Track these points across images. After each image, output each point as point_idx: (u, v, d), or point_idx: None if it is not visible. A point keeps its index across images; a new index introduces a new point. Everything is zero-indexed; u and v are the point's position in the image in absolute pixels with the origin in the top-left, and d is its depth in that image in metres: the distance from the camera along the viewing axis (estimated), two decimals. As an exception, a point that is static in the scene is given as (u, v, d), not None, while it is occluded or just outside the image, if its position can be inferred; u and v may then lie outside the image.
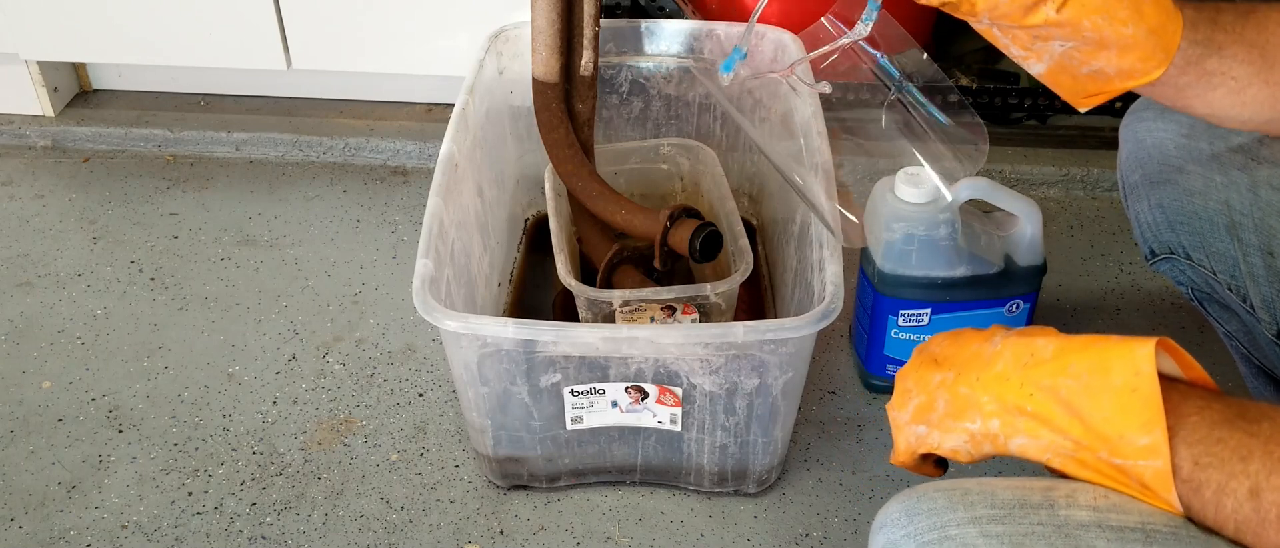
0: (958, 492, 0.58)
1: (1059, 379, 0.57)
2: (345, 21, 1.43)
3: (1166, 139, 0.90)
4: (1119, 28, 0.66)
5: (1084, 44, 0.67)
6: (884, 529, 0.58)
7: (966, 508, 0.56)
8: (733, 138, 1.28)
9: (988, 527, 0.55)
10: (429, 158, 1.52)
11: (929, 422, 0.63)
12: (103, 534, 1.03)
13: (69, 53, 1.53)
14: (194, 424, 1.13)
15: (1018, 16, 0.66)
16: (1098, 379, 0.55)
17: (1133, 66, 0.68)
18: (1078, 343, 0.58)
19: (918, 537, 0.56)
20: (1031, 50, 0.69)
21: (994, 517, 0.56)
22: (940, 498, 0.57)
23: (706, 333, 0.89)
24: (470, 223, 1.07)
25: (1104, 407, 0.55)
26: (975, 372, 0.61)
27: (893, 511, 0.59)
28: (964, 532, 0.55)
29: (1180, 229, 0.90)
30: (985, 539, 0.55)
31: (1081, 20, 0.66)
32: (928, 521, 0.57)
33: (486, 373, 0.92)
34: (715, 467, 1.02)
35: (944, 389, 0.62)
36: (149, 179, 1.50)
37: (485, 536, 1.02)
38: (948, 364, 0.62)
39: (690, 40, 1.21)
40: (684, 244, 1.02)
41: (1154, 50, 0.67)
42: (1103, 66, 0.68)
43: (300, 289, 1.31)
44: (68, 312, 1.27)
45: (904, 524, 0.57)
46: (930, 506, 0.57)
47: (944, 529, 0.56)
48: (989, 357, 0.61)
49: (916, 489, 0.59)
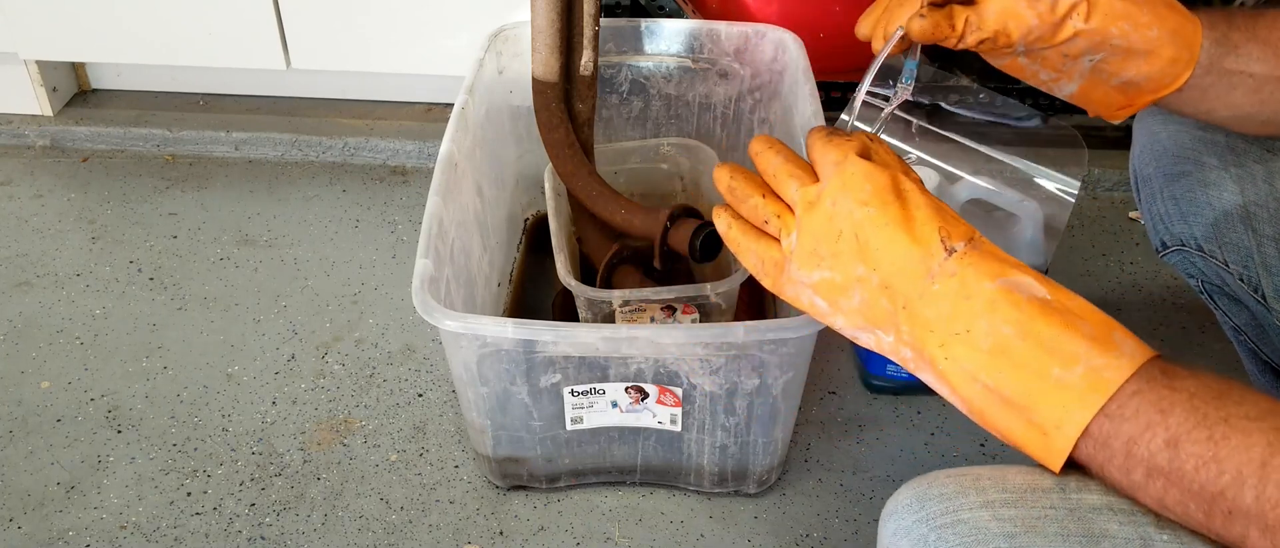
0: (969, 478, 0.58)
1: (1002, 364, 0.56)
2: (345, 21, 1.43)
3: (1181, 132, 0.90)
4: (1144, 31, 0.69)
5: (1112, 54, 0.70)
6: (895, 516, 0.59)
7: (978, 493, 0.57)
8: (733, 138, 1.28)
9: (1000, 511, 0.56)
10: (429, 157, 1.51)
11: (834, 305, 0.63)
12: (102, 535, 1.02)
13: (68, 52, 1.53)
14: (193, 424, 1.13)
15: (1049, 36, 0.70)
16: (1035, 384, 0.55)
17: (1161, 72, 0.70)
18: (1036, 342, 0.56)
19: (929, 521, 0.57)
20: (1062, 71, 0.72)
21: (1006, 501, 0.56)
22: (951, 484, 0.58)
23: (706, 333, 0.89)
24: (470, 223, 1.07)
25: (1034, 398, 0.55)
26: (910, 298, 0.59)
27: (904, 497, 0.59)
28: (976, 516, 0.56)
29: (1193, 220, 0.90)
30: (997, 522, 0.55)
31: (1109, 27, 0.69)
32: (939, 505, 0.57)
33: (486, 373, 0.92)
34: (715, 467, 1.02)
35: (863, 286, 0.61)
36: (148, 179, 1.50)
37: (485, 536, 1.02)
38: (874, 263, 0.60)
39: (690, 40, 1.21)
40: (684, 244, 1.02)
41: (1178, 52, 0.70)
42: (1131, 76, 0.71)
43: (299, 289, 1.30)
44: (66, 312, 1.27)
45: (916, 510, 0.58)
46: (942, 491, 0.58)
47: (956, 513, 0.56)
48: (931, 294, 0.59)
49: (927, 477, 0.59)
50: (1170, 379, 0.53)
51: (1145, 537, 0.54)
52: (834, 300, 0.63)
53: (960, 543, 0.55)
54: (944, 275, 0.58)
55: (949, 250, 0.58)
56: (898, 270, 0.59)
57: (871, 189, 0.60)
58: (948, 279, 0.58)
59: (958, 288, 0.57)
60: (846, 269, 0.61)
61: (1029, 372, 0.55)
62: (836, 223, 0.61)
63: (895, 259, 0.59)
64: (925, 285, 0.58)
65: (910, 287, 0.59)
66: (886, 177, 0.61)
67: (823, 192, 0.62)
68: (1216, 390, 0.52)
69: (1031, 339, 0.55)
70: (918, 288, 0.58)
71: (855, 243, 0.60)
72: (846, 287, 0.61)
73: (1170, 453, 0.51)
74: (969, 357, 0.57)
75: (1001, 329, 0.56)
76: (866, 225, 0.60)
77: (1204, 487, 0.50)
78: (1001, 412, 0.56)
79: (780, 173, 0.65)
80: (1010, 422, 0.56)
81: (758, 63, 1.20)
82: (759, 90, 1.22)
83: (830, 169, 0.62)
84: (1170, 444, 0.51)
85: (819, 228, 0.62)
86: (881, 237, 0.60)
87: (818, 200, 0.62)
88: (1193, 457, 0.51)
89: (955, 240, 0.59)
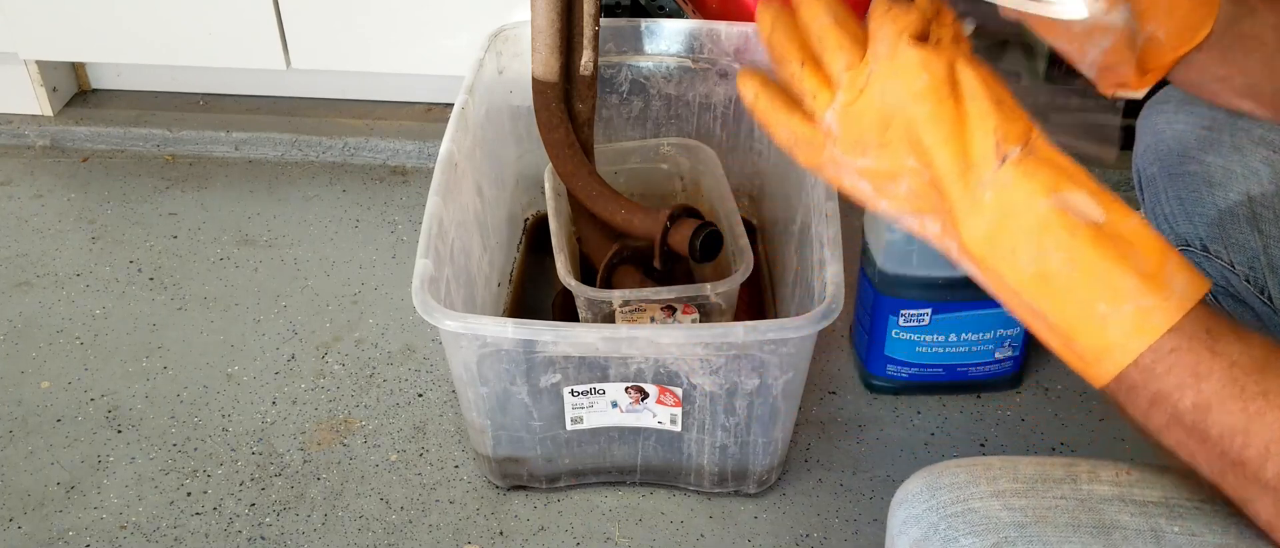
0: (980, 467, 0.58)
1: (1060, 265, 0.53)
2: (345, 21, 1.43)
3: (1186, 131, 0.89)
4: None
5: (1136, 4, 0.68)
6: (905, 504, 0.59)
7: (989, 482, 0.57)
8: (733, 137, 1.28)
9: (1011, 500, 0.56)
10: (429, 157, 1.51)
11: (880, 190, 0.59)
12: (102, 535, 1.02)
13: (68, 52, 1.53)
14: (193, 424, 1.13)
15: None
16: (1079, 316, 0.53)
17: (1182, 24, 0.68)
18: (1104, 255, 0.53)
19: (940, 510, 0.56)
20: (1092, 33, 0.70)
21: (1016, 490, 0.56)
22: (962, 473, 0.58)
23: (706, 333, 0.89)
24: (470, 222, 1.07)
25: (1077, 329, 0.53)
26: (959, 203, 0.56)
27: (914, 486, 0.59)
28: (986, 504, 0.56)
29: (1198, 221, 0.90)
30: (1008, 511, 0.55)
31: None
32: (950, 494, 0.57)
33: (486, 373, 0.92)
34: (715, 467, 1.02)
35: (913, 177, 0.57)
36: (148, 179, 1.50)
37: (485, 536, 1.02)
38: (926, 160, 0.57)
39: (690, 40, 1.21)
40: (684, 244, 1.02)
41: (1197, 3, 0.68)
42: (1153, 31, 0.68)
43: (299, 289, 1.30)
44: (66, 312, 1.27)
45: (926, 498, 0.57)
46: (953, 480, 0.57)
47: (967, 502, 0.56)
48: (981, 205, 0.55)
49: (937, 466, 0.59)
50: (1213, 341, 0.51)
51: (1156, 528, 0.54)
52: (880, 186, 0.58)
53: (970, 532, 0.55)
54: (995, 186, 0.54)
55: (1002, 157, 0.54)
56: (948, 172, 0.55)
57: (926, 82, 0.55)
58: (1000, 190, 0.54)
59: (1007, 201, 0.54)
60: (896, 161, 0.57)
61: (1075, 302, 0.53)
62: (887, 114, 0.56)
63: (946, 160, 0.55)
64: (978, 194, 0.54)
65: (961, 194, 0.55)
66: (942, 67, 0.55)
67: (871, 78, 0.57)
68: (1259, 362, 0.51)
69: (1080, 269, 0.52)
70: (969, 196, 0.55)
71: (906, 137, 0.56)
72: (895, 174, 0.57)
73: (1197, 416, 0.50)
74: (1013, 275, 0.54)
75: (1050, 255, 0.53)
76: (918, 122, 0.55)
77: (1225, 452, 0.50)
78: (1042, 328, 0.55)
79: (827, 39, 0.58)
80: (1049, 338, 0.55)
81: (758, 63, 1.20)
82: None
83: (883, 50, 0.57)
84: (1199, 408, 0.50)
85: (867, 117, 0.57)
86: (934, 135, 0.55)
87: (866, 88, 0.57)
88: (1220, 425, 0.50)
89: (1011, 143, 0.54)
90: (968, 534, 0.55)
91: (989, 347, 1.11)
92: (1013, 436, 1.12)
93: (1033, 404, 1.15)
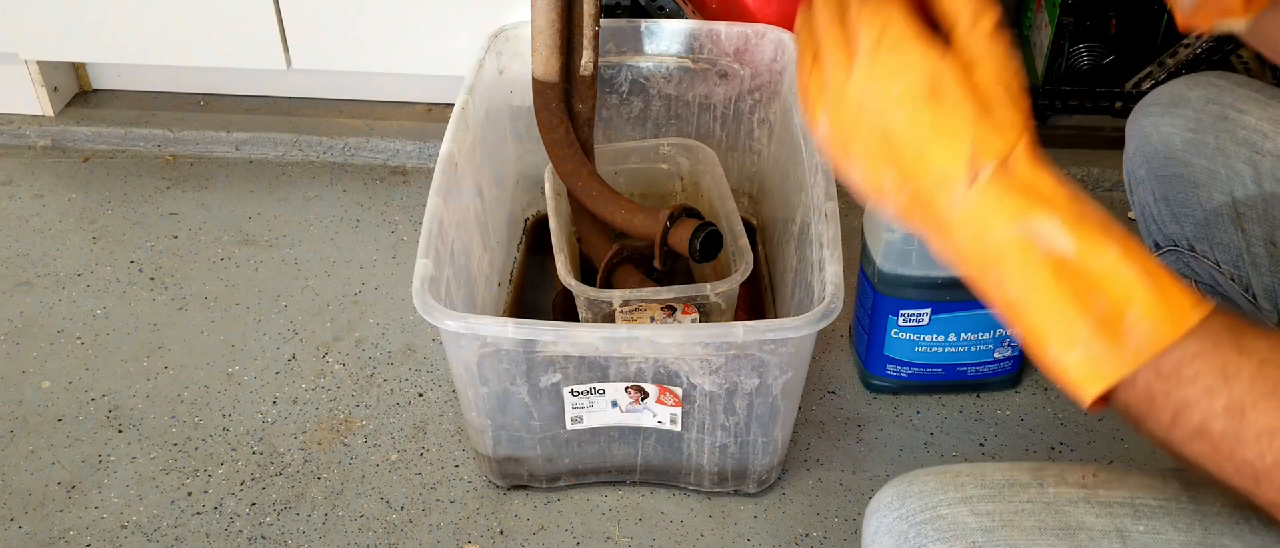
0: (948, 474, 0.58)
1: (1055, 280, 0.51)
2: (345, 21, 1.43)
3: (1172, 134, 0.90)
4: None
5: None
6: (877, 514, 0.59)
7: (957, 489, 0.57)
8: (732, 137, 1.28)
9: (978, 506, 0.56)
10: (429, 157, 1.51)
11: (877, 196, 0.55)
12: (102, 534, 1.03)
13: (68, 52, 1.53)
14: (194, 424, 1.13)
15: None
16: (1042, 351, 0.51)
17: None
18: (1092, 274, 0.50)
19: (909, 518, 0.57)
20: None
21: (984, 496, 0.57)
22: (931, 480, 0.58)
23: (706, 333, 0.89)
24: (470, 222, 1.07)
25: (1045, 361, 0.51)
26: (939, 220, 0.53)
27: (885, 495, 0.60)
28: (955, 511, 0.56)
29: (1184, 221, 0.91)
30: (976, 517, 0.56)
31: None
32: (919, 502, 0.57)
33: (486, 373, 0.92)
34: (715, 467, 1.02)
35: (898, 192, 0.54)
36: (149, 179, 1.50)
37: (485, 536, 1.02)
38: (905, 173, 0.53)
39: (690, 40, 1.21)
40: (684, 244, 1.02)
41: None
42: None
43: (300, 289, 1.31)
44: (67, 311, 1.27)
45: (896, 507, 0.58)
46: (921, 488, 0.58)
47: (935, 510, 0.57)
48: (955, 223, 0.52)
49: (908, 475, 0.60)
50: (1239, 340, 0.48)
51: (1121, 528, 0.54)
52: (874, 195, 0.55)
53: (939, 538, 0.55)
54: (963, 207, 0.51)
55: (974, 175, 0.50)
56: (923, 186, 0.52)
57: (904, 86, 0.51)
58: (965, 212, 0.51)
59: (975, 225, 0.51)
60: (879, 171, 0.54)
61: (1036, 337, 0.51)
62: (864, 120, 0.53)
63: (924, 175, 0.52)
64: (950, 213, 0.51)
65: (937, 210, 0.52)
66: (924, 69, 0.51)
67: (851, 80, 0.53)
68: None
69: (1033, 306, 0.50)
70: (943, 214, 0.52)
71: (883, 146, 0.52)
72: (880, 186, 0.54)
73: (1229, 420, 0.47)
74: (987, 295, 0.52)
75: (1008, 286, 0.50)
76: (894, 131, 0.52)
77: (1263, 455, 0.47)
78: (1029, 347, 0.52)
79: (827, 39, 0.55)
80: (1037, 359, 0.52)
81: (758, 63, 1.20)
82: (759, 90, 1.23)
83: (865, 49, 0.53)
84: (1232, 412, 0.47)
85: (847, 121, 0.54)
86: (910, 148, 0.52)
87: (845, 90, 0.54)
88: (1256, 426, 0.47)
89: (985, 159, 0.50)
90: (937, 541, 0.55)
91: (988, 347, 1.11)
92: (1012, 436, 1.12)
93: (1032, 404, 1.15)
